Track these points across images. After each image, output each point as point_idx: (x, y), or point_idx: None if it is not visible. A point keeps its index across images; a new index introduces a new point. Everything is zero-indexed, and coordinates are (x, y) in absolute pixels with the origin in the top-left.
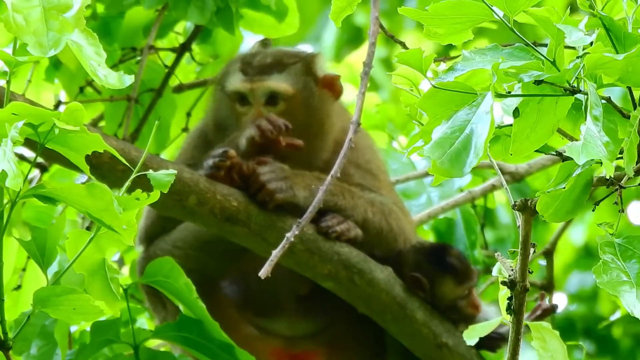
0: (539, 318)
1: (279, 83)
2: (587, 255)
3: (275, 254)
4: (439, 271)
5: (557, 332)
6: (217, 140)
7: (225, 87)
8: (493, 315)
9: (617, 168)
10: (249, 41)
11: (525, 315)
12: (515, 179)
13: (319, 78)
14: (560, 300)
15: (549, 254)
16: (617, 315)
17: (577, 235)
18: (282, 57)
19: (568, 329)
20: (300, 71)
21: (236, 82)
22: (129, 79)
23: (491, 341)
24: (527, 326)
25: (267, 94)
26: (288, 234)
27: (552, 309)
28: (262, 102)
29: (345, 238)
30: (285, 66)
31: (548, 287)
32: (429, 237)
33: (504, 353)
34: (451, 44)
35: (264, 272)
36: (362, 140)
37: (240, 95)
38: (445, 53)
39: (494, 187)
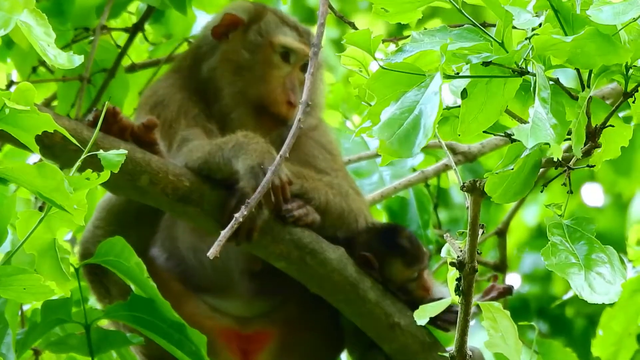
0: (494, 300)
1: (322, 55)
2: (540, 236)
3: (224, 234)
4: (388, 252)
5: (507, 312)
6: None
7: (274, 38)
8: (448, 295)
9: (569, 149)
10: (201, 21)
11: (478, 296)
12: (468, 158)
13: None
14: (513, 280)
15: (501, 234)
16: (570, 294)
17: (530, 215)
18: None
19: (522, 309)
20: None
21: (291, 39)
22: (79, 59)
23: (444, 322)
24: (478, 307)
25: (307, 61)
26: (237, 214)
27: (508, 290)
28: (300, 66)
29: (302, 223)
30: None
31: (501, 267)
32: (382, 217)
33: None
34: (404, 25)
35: (212, 252)
36: (322, 121)
37: (288, 51)
38: (398, 34)
39: (446, 167)
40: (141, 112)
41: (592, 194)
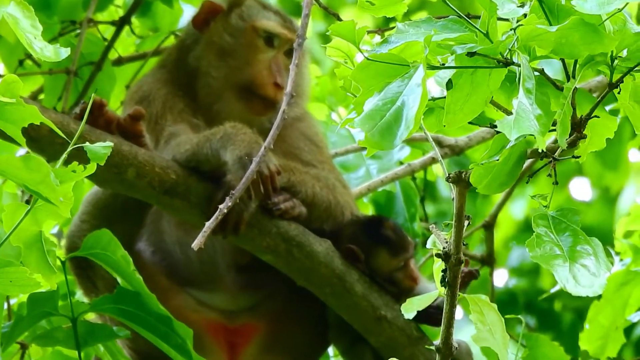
0: (462, 284)
1: (307, 44)
2: (528, 230)
3: (209, 225)
4: (373, 243)
5: (494, 305)
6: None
7: (257, 22)
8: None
9: (556, 141)
10: (188, 14)
11: None
12: (455, 151)
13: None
14: (501, 274)
15: (488, 228)
16: (557, 288)
17: (517, 209)
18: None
19: (509, 302)
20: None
21: (274, 23)
22: (65, 52)
23: (432, 316)
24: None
25: (292, 46)
26: (221, 206)
27: (473, 274)
28: (284, 50)
29: (289, 216)
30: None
31: (488, 260)
32: (369, 210)
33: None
34: (391, 20)
35: (196, 244)
36: (307, 112)
37: (271, 36)
38: (385, 26)
39: (433, 160)
40: (127, 107)
41: (580, 189)
